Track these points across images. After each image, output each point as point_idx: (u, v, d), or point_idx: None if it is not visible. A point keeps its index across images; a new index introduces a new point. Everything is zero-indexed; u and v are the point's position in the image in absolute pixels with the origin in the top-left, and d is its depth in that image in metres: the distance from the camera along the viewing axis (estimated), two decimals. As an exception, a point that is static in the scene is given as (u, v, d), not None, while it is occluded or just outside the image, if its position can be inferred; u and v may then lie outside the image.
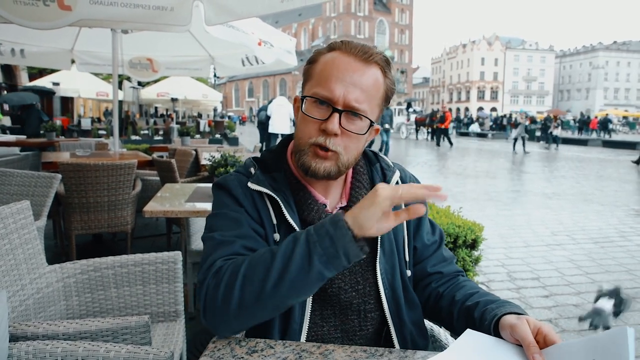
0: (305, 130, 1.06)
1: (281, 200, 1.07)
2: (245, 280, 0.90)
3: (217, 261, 0.97)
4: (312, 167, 1.06)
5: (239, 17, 3.05)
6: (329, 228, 0.88)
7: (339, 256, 0.87)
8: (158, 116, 25.31)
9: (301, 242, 0.89)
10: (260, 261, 0.91)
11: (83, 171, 3.70)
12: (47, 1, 2.72)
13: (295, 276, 0.88)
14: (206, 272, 0.97)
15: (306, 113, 1.05)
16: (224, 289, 0.91)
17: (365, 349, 0.89)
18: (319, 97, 1.03)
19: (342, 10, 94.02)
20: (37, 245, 1.81)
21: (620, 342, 0.83)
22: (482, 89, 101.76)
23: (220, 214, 1.08)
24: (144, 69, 6.75)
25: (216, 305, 0.92)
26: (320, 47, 1.14)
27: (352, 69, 1.03)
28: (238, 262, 0.94)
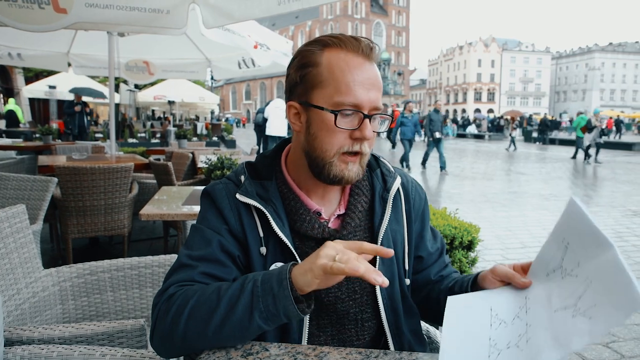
0: (334, 142, 1.02)
1: (269, 213, 1.04)
2: (190, 317, 0.91)
3: (172, 287, 0.98)
4: (345, 175, 1.04)
5: (236, 20, 3.05)
6: (274, 285, 0.88)
7: (279, 315, 0.88)
8: (155, 119, 25.28)
9: (246, 292, 0.89)
10: (207, 301, 0.91)
11: (79, 174, 3.69)
12: (43, 4, 2.72)
13: (235, 325, 0.88)
14: (160, 295, 0.98)
15: (340, 127, 1.00)
16: (171, 319, 0.92)
17: (361, 351, 0.89)
18: (349, 107, 1.00)
19: (339, 13, 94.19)
20: (33, 249, 1.80)
21: (575, 212, 0.90)
22: (478, 91, 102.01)
23: (198, 229, 1.08)
24: (140, 72, 6.75)
25: (163, 332, 0.93)
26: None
27: (365, 70, 1.01)
28: (188, 295, 0.94)
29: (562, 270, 0.90)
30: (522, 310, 0.94)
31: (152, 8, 3.03)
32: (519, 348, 0.85)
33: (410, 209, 1.21)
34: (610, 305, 0.75)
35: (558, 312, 0.85)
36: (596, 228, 0.84)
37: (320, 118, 1.02)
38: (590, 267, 0.83)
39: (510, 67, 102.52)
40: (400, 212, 1.18)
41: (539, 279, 0.96)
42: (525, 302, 0.95)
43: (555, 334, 0.82)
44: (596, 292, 0.79)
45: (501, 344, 0.88)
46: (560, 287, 0.89)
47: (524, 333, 0.88)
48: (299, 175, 1.12)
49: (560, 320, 0.83)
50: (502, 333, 0.90)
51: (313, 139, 1.04)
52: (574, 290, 0.84)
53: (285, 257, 1.05)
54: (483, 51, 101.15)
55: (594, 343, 0.67)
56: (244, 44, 4.08)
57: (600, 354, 2.99)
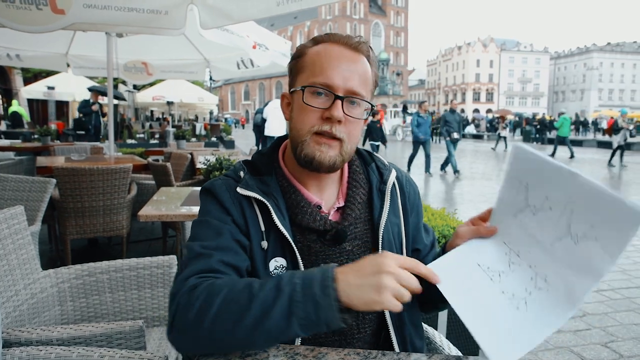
0: (305, 120, 1.05)
1: (271, 205, 1.05)
2: (218, 316, 0.85)
3: (192, 278, 0.93)
4: (316, 157, 1.04)
5: (234, 21, 3.05)
6: (317, 292, 0.82)
7: (320, 324, 0.82)
8: (154, 120, 25.26)
9: (284, 297, 0.83)
10: (237, 300, 0.85)
11: (78, 175, 3.69)
12: (40, 5, 2.71)
13: (270, 331, 0.83)
14: (179, 286, 0.92)
15: (307, 103, 1.04)
16: (195, 314, 0.86)
17: (359, 352, 0.89)
18: (319, 85, 1.03)
19: (338, 13, 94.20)
20: (31, 250, 1.80)
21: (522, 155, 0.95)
22: (477, 91, 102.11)
23: (203, 222, 1.05)
24: (139, 72, 6.74)
25: (185, 327, 0.87)
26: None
27: (346, 57, 1.05)
28: (214, 290, 0.88)
29: (531, 208, 0.92)
30: (511, 255, 0.96)
31: (150, 9, 3.02)
32: (542, 290, 0.86)
33: (406, 202, 1.23)
34: (611, 222, 0.77)
35: (555, 244, 0.87)
36: (553, 162, 0.87)
37: (297, 100, 1.08)
38: (562, 197, 0.85)
39: (508, 67, 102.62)
40: (397, 205, 1.20)
41: (506, 222, 0.99)
42: (508, 248, 0.97)
43: (572, 264, 0.83)
44: (584, 215, 0.81)
45: (519, 292, 0.89)
46: (537, 223, 0.91)
47: (534, 275, 0.89)
48: (295, 170, 1.14)
49: (566, 251, 0.84)
50: (510, 282, 0.92)
51: (291, 122, 1.10)
52: (555, 221, 0.86)
53: (284, 252, 1.06)
54: (481, 51, 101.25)
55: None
56: (242, 44, 4.08)
57: (599, 353, 2.99)
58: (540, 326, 0.82)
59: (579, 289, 0.81)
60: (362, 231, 1.14)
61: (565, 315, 0.81)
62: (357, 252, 1.12)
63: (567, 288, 0.82)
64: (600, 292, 4.09)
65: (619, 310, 3.72)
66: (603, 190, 0.78)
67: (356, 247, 1.12)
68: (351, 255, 1.11)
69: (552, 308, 0.83)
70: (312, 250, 1.08)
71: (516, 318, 0.85)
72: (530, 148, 0.93)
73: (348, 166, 1.20)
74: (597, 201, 0.79)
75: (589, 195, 0.80)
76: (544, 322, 0.82)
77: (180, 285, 0.92)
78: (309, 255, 1.08)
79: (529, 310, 0.85)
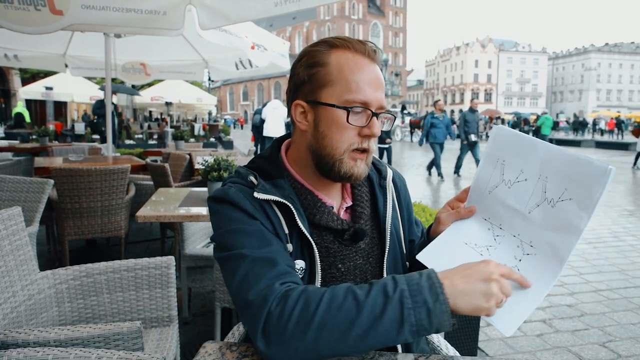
0: (344, 139, 1.05)
1: (292, 207, 1.04)
2: (325, 324, 0.81)
3: (275, 285, 0.89)
4: (355, 172, 1.06)
5: (233, 22, 3.05)
6: (428, 298, 0.81)
7: (431, 330, 0.82)
8: (152, 120, 25.23)
9: (393, 303, 0.81)
10: (343, 307, 0.82)
11: (76, 176, 3.68)
12: (39, 6, 2.71)
13: (380, 337, 0.81)
14: (265, 294, 0.87)
15: (351, 123, 1.03)
16: (296, 323, 0.83)
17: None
18: (359, 104, 1.03)
19: (336, 14, 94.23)
20: (29, 251, 1.80)
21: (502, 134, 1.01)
22: (476, 91, 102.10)
23: (236, 230, 0.99)
24: (137, 73, 6.73)
25: (282, 337, 0.83)
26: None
27: (371, 70, 1.06)
28: (312, 297, 0.85)
29: (505, 182, 0.99)
30: (495, 228, 1.01)
31: (148, 9, 3.02)
32: (531, 254, 0.93)
33: (399, 196, 1.27)
34: (582, 182, 0.86)
35: (533, 212, 0.94)
36: (529, 138, 0.96)
37: (330, 116, 1.05)
38: (535, 168, 0.93)
39: (507, 67, 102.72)
40: (394, 199, 1.24)
41: (483, 199, 1.05)
42: (490, 223, 1.03)
43: (551, 226, 0.91)
44: (558, 180, 0.90)
45: (509, 261, 0.95)
46: (513, 195, 0.98)
47: (520, 243, 0.96)
48: (303, 174, 1.13)
49: (544, 215, 0.92)
50: (500, 254, 0.98)
51: (322, 137, 1.06)
52: (532, 190, 0.94)
53: (304, 253, 1.06)
54: (480, 52, 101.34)
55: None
56: (241, 44, 4.08)
57: (597, 353, 2.99)
58: (535, 288, 0.89)
59: (563, 247, 0.88)
60: (370, 228, 1.17)
61: (556, 273, 0.89)
62: (368, 249, 1.14)
63: (553, 248, 0.90)
64: (598, 292, 4.10)
65: (616, 310, 3.72)
66: (573, 155, 0.87)
67: (368, 245, 1.15)
68: (364, 253, 1.13)
69: (543, 269, 0.90)
70: (330, 251, 1.10)
71: (512, 285, 0.89)
72: (508, 128, 1.01)
73: None
74: (569, 166, 0.87)
75: (561, 162, 0.89)
76: (538, 283, 0.89)
77: (265, 293, 0.88)
78: (327, 256, 1.09)
79: (522, 275, 0.90)
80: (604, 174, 0.82)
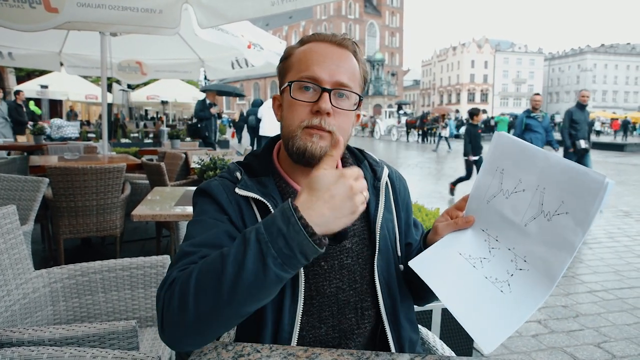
0: (295, 116, 1.05)
1: (271, 206, 1.04)
2: (198, 290, 0.82)
3: (174, 273, 0.90)
4: (308, 148, 1.04)
5: (229, 21, 3.04)
6: (281, 225, 0.80)
7: (295, 256, 0.80)
8: (148, 119, 25.15)
9: (251, 243, 0.80)
10: (210, 268, 0.83)
11: (71, 175, 3.67)
12: (34, 3, 2.70)
13: (251, 282, 0.80)
14: (163, 285, 0.89)
15: (295, 98, 1.05)
16: (177, 301, 0.83)
17: (352, 352, 0.89)
18: (305, 79, 1.04)
19: (333, 13, 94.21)
20: (24, 250, 1.79)
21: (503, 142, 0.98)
22: (472, 92, 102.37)
23: (198, 222, 1.03)
24: (133, 72, 6.73)
25: (173, 319, 0.84)
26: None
27: (331, 53, 1.07)
28: (189, 271, 0.86)
29: (504, 192, 0.97)
30: (491, 240, 0.98)
31: (144, 8, 3.01)
32: (523, 270, 0.90)
33: (397, 198, 1.25)
34: (579, 195, 0.82)
35: (529, 225, 0.91)
36: (531, 147, 0.92)
37: (286, 98, 1.09)
38: (534, 178, 0.90)
39: (503, 68, 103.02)
40: (390, 201, 1.22)
41: (481, 209, 1.02)
42: (487, 234, 1.00)
43: (546, 241, 0.87)
44: (555, 192, 0.86)
45: (501, 276, 0.92)
46: (510, 206, 0.95)
47: (514, 257, 0.93)
48: (290, 170, 1.13)
49: (540, 229, 0.89)
50: (493, 267, 0.95)
51: (282, 121, 1.11)
52: (529, 202, 0.91)
53: None
54: (476, 52, 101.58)
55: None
56: (237, 44, 4.08)
57: (592, 353, 3.01)
58: (523, 306, 0.86)
59: (556, 264, 0.85)
60: (360, 228, 1.15)
61: (546, 292, 0.85)
62: (356, 249, 1.13)
63: (546, 265, 0.86)
64: (593, 293, 4.12)
65: (611, 310, 3.74)
66: (571, 166, 0.84)
67: (355, 244, 1.13)
68: (350, 252, 1.12)
69: (533, 286, 0.87)
70: None
71: (501, 301, 0.88)
72: (509, 135, 0.98)
73: (342, 165, 1.20)
74: (566, 177, 0.84)
75: (559, 173, 0.86)
76: (527, 301, 0.86)
77: (163, 284, 0.90)
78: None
79: (512, 291, 0.89)
80: (600, 187, 0.79)
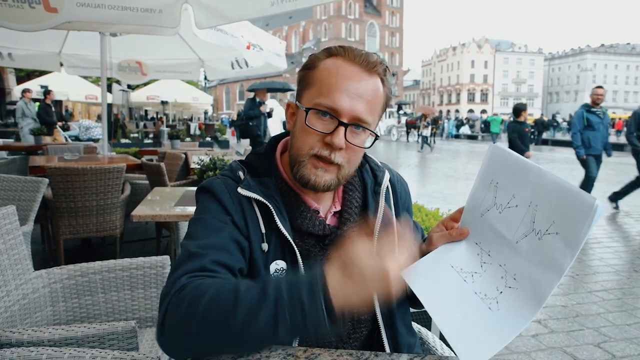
0: (306, 141, 1.02)
1: (273, 207, 1.03)
2: (204, 319, 0.80)
3: (183, 277, 0.88)
4: (311, 180, 1.02)
5: (229, 21, 3.04)
6: (304, 296, 0.77)
7: (308, 330, 0.79)
8: (148, 119, 25.17)
9: (269, 301, 0.78)
10: (223, 302, 0.80)
11: (71, 175, 3.67)
12: (33, 3, 2.70)
13: (257, 336, 0.79)
14: (170, 287, 0.88)
15: (309, 126, 1.00)
16: (182, 317, 0.82)
17: (352, 353, 0.89)
18: (324, 108, 1.00)
19: (333, 13, 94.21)
20: (23, 250, 1.79)
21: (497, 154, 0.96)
22: (472, 92, 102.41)
23: (201, 220, 1.01)
24: (133, 72, 6.73)
25: (174, 328, 0.83)
26: (314, 51, 1.11)
27: (356, 79, 1.00)
28: (201, 290, 0.83)
29: (497, 206, 0.95)
30: (483, 255, 0.97)
31: (144, 7, 3.01)
32: (512, 288, 0.88)
33: (397, 202, 1.24)
34: (569, 216, 0.80)
35: (521, 242, 0.89)
36: (526, 162, 0.90)
37: (301, 116, 1.04)
38: (527, 194, 0.89)
39: (503, 68, 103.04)
40: (390, 205, 1.20)
41: (475, 222, 1.01)
42: (481, 248, 0.98)
43: (536, 260, 0.86)
44: (546, 211, 0.85)
45: (491, 292, 0.91)
46: (503, 221, 0.93)
47: (505, 274, 0.91)
48: (291, 175, 1.11)
49: (531, 247, 0.87)
50: (483, 282, 0.93)
51: (293, 137, 1.08)
52: (521, 218, 0.89)
53: (285, 254, 1.04)
54: (476, 52, 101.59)
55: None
56: (237, 44, 4.08)
57: (592, 353, 3.01)
58: (509, 325, 0.85)
59: (545, 284, 0.83)
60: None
61: (532, 313, 0.84)
62: None
63: (534, 284, 0.85)
64: (594, 293, 4.11)
65: (611, 310, 3.73)
66: (564, 185, 0.82)
67: None
68: None
69: (521, 306, 0.85)
70: (312, 254, 1.08)
71: (488, 318, 0.87)
72: (505, 148, 0.96)
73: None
74: (558, 196, 0.82)
75: (552, 191, 0.84)
76: (514, 321, 0.85)
77: (171, 287, 0.88)
78: (308, 258, 1.07)
79: (500, 309, 0.87)
80: (590, 210, 0.77)
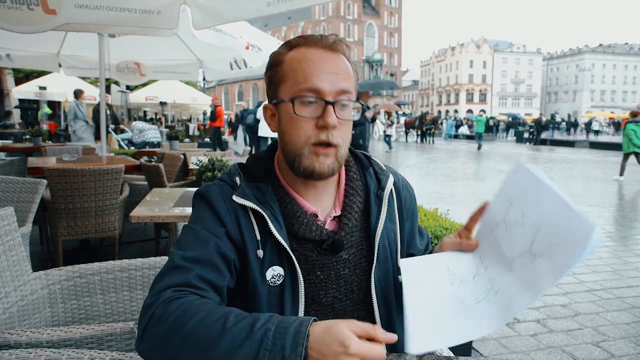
0: (300, 132, 1.01)
1: (267, 215, 1.02)
2: (188, 338, 0.80)
3: (168, 290, 0.88)
4: (316, 168, 1.01)
5: (226, 21, 3.05)
6: (287, 345, 0.75)
7: None
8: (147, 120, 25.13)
9: (253, 340, 0.76)
10: (209, 329, 0.80)
11: (69, 176, 3.67)
12: (32, 5, 2.70)
13: None
14: (154, 298, 0.88)
15: (299, 114, 1.00)
16: (168, 329, 0.82)
17: (350, 353, 0.89)
18: (307, 93, 0.99)
19: (331, 14, 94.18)
20: (22, 252, 1.78)
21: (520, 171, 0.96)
22: (470, 92, 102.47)
23: (192, 229, 1.02)
24: (131, 73, 6.72)
25: (157, 340, 0.84)
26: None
27: (326, 60, 1.02)
28: (191, 310, 0.83)
29: (506, 223, 0.96)
30: (481, 268, 0.99)
31: (142, 9, 3.01)
32: (490, 301, 0.90)
33: (402, 207, 1.21)
34: (566, 241, 0.80)
35: (515, 260, 0.91)
36: (542, 179, 0.90)
37: (285, 111, 1.04)
38: (535, 214, 0.89)
39: (501, 68, 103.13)
40: (394, 210, 1.19)
41: (486, 237, 1.02)
42: (481, 261, 1.00)
43: (521, 280, 0.87)
44: (548, 233, 0.85)
45: (469, 300, 0.93)
46: (507, 239, 0.95)
47: (489, 287, 0.93)
48: (290, 178, 1.11)
49: (522, 267, 0.88)
50: (466, 290, 0.95)
51: (283, 135, 1.07)
52: (524, 238, 0.90)
53: (282, 260, 1.04)
54: (475, 52, 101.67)
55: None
56: (235, 45, 4.08)
57: (591, 353, 3.01)
58: (469, 330, 0.87)
59: (518, 305, 0.85)
60: (358, 239, 1.12)
61: (495, 325, 0.86)
62: (353, 260, 1.11)
63: (509, 303, 0.87)
64: (592, 292, 4.12)
65: (610, 309, 3.74)
66: (570, 209, 0.81)
67: (352, 255, 1.11)
68: (348, 264, 1.10)
69: (487, 318, 0.88)
70: (309, 259, 1.07)
71: (453, 318, 0.89)
72: (530, 166, 0.94)
73: (345, 173, 1.17)
74: (563, 220, 0.82)
75: (558, 214, 0.83)
76: (476, 327, 0.87)
77: (155, 297, 0.88)
78: (305, 263, 1.06)
79: (467, 317, 0.89)
80: (586, 239, 0.76)
